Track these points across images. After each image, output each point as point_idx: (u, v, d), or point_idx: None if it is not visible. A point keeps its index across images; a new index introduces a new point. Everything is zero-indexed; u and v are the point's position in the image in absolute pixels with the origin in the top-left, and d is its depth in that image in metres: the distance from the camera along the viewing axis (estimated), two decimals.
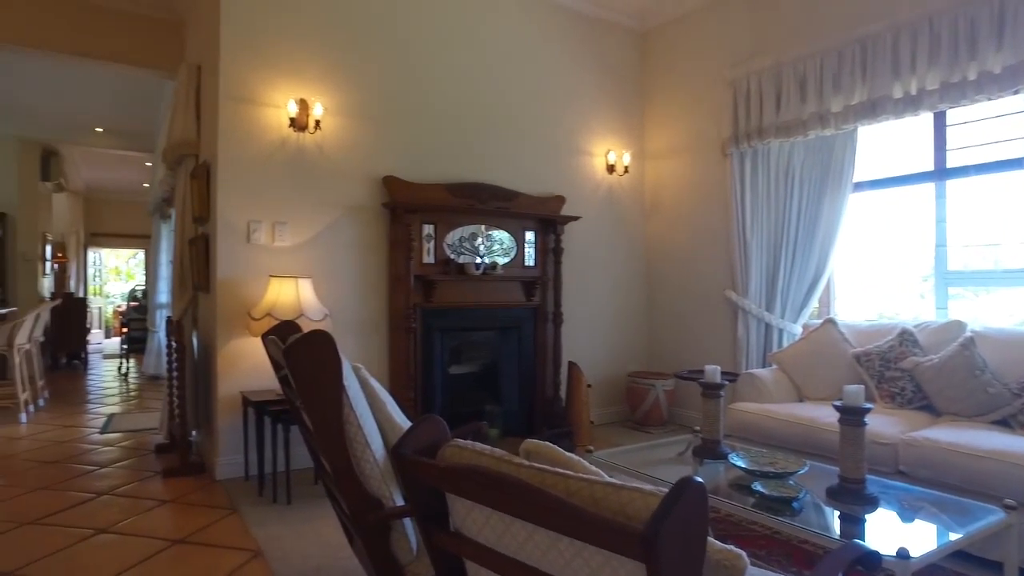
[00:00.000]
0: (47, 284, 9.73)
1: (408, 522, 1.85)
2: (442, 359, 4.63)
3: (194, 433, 4.64)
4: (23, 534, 3.09)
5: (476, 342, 4.92)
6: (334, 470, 1.77)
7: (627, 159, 5.55)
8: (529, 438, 1.39)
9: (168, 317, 4.54)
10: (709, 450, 2.95)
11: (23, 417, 5.61)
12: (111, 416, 5.79)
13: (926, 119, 4.09)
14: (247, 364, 3.94)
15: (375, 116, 4.44)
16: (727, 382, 3.05)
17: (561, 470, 1.07)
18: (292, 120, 4.06)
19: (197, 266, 4.30)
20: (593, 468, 1.16)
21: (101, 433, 5.17)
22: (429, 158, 4.64)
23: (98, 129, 8.47)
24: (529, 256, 4.96)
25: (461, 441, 1.29)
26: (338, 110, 4.30)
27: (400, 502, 1.82)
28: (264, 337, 2.34)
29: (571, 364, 4.96)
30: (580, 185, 5.39)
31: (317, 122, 4.13)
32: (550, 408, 4.89)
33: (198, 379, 4.42)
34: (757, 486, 2.44)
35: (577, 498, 0.99)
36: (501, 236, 4.83)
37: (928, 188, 4.17)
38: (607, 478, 1.04)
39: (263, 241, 4.04)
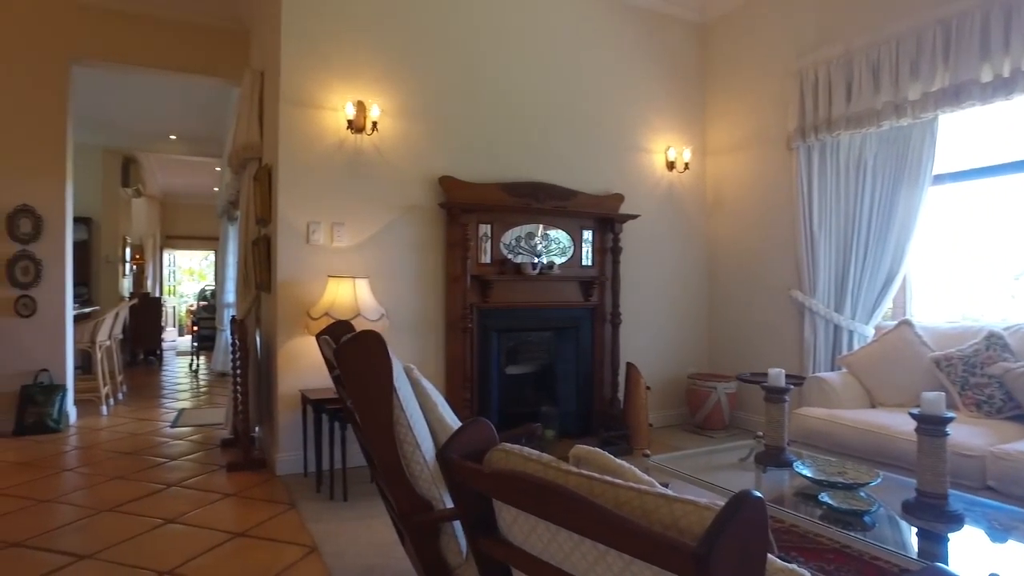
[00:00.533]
0: (126, 284, 10.25)
1: (458, 524, 1.82)
2: (498, 359, 4.61)
3: (257, 429, 4.78)
4: (101, 521, 3.24)
5: (533, 342, 4.88)
6: (384, 470, 1.76)
7: (687, 155, 5.40)
8: (586, 440, 1.34)
9: (232, 316, 4.69)
10: (773, 457, 2.82)
11: (104, 410, 5.91)
12: (181, 411, 6.03)
13: (1017, 104, 3.78)
14: (306, 363, 4.01)
15: (431, 116, 4.46)
16: (792, 386, 2.90)
17: (611, 478, 1.01)
18: (350, 122, 4.12)
19: (259, 267, 4.42)
20: (646, 477, 1.10)
21: (172, 427, 5.38)
22: (485, 158, 4.62)
23: (171, 136, 8.85)
24: (586, 255, 4.88)
25: (508, 445, 1.24)
26: (395, 111, 4.33)
27: (450, 504, 1.80)
28: (318, 337, 2.36)
29: (629, 365, 4.86)
30: (639, 183, 5.27)
31: (374, 124, 4.18)
32: (608, 410, 4.80)
33: (261, 377, 4.54)
34: (825, 497, 2.30)
35: (627, 509, 0.93)
36: (558, 235, 4.78)
37: (1020, 179, 3.88)
38: (660, 488, 0.97)
39: (322, 242, 4.11)
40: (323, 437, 3.66)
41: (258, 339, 4.73)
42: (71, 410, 5.46)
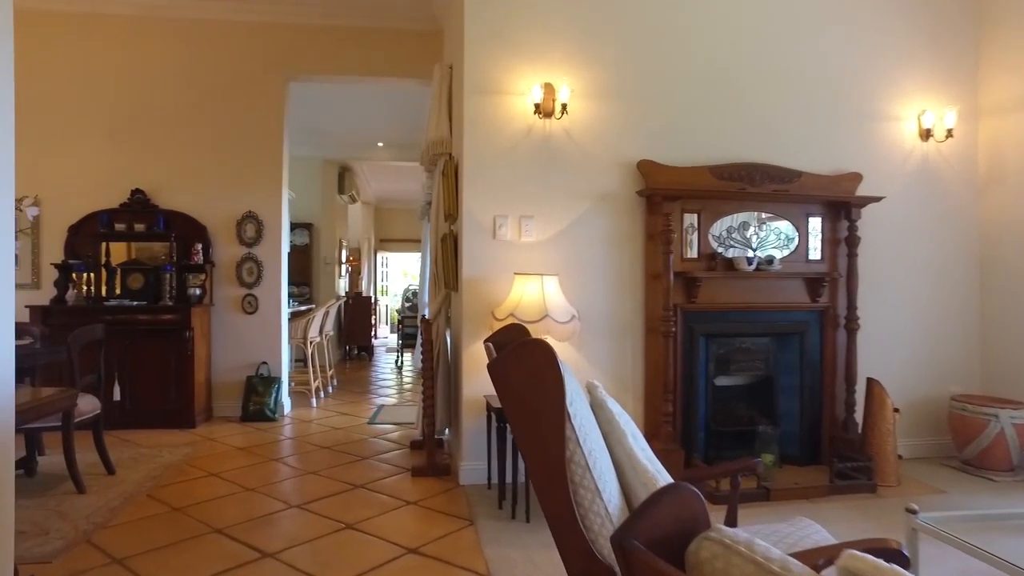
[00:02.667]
0: (343, 285, 11.07)
1: None
2: (706, 368, 4.00)
3: (447, 431, 4.65)
4: (290, 517, 3.24)
5: (747, 349, 4.17)
6: (552, 520, 1.33)
7: (950, 120, 4.31)
8: (813, 470, 0.78)
9: (422, 316, 4.60)
10: None
11: (314, 402, 6.25)
12: (381, 407, 6.19)
13: None
14: (478, 355, 3.74)
15: (627, 95, 3.98)
16: None
17: None
18: (537, 107, 3.78)
19: (447, 264, 4.26)
20: None
21: (369, 423, 5.50)
22: (689, 138, 4.03)
23: (379, 144, 9.32)
24: (814, 248, 4.07)
25: (726, 532, 0.75)
26: (585, 92, 3.92)
27: None
28: (485, 343, 2.01)
29: (871, 381, 3.96)
30: (882, 158, 4.31)
31: (563, 106, 3.80)
32: (842, 434, 3.95)
33: (450, 379, 4.39)
34: None
35: None
36: (778, 225, 4.04)
37: None
38: None
39: (509, 237, 3.82)
40: (507, 449, 3.35)
41: (448, 339, 4.60)
42: (286, 401, 5.82)
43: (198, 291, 5.49)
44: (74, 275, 5.35)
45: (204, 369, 5.44)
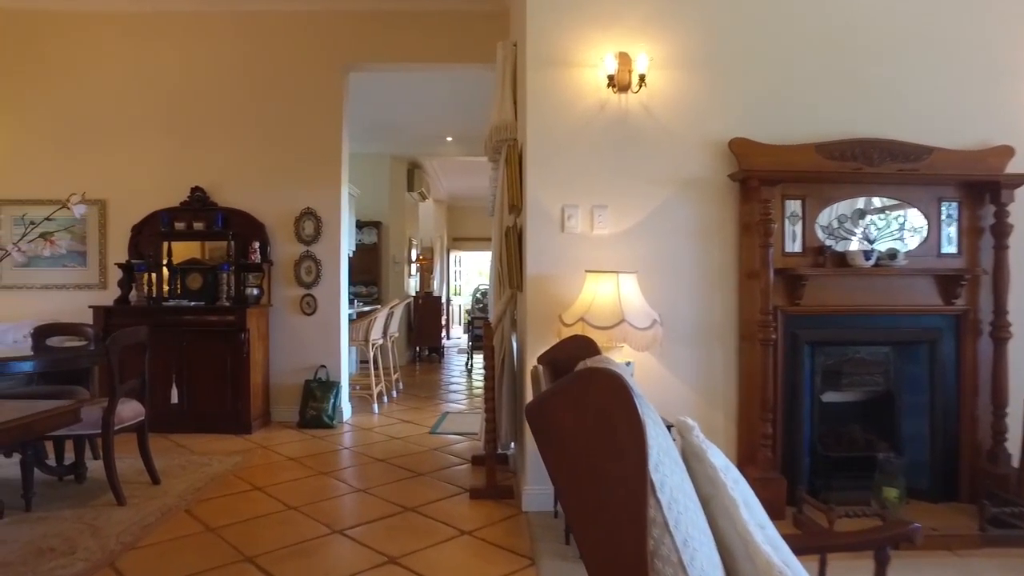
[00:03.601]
0: (412, 285, 10.85)
1: None
2: (812, 382, 3.38)
3: (512, 446, 4.22)
4: (327, 546, 2.89)
5: (862, 360, 3.51)
6: None
7: None
8: (951, 508, 0.27)
9: (485, 318, 4.18)
10: None
11: (375, 408, 5.95)
12: (446, 414, 5.82)
13: None
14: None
15: (716, 63, 3.42)
16: None
17: None
18: (610, 79, 3.28)
19: (512, 261, 3.82)
20: None
21: (432, 432, 5.13)
22: (792, 110, 3.43)
23: (448, 139, 9.00)
24: (948, 239, 3.38)
25: None
26: (667, 61, 3.39)
27: None
28: (534, 370, 1.54)
29: None
30: None
31: (641, 78, 3.29)
32: (989, 467, 3.24)
33: (516, 389, 3.96)
34: None
35: None
36: (903, 212, 3.38)
37: None
38: None
39: (579, 229, 3.34)
40: None
41: (514, 344, 4.17)
42: (346, 406, 5.54)
43: (255, 291, 5.28)
44: (136, 275, 5.25)
45: (261, 372, 5.23)
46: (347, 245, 5.78)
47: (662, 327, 3.06)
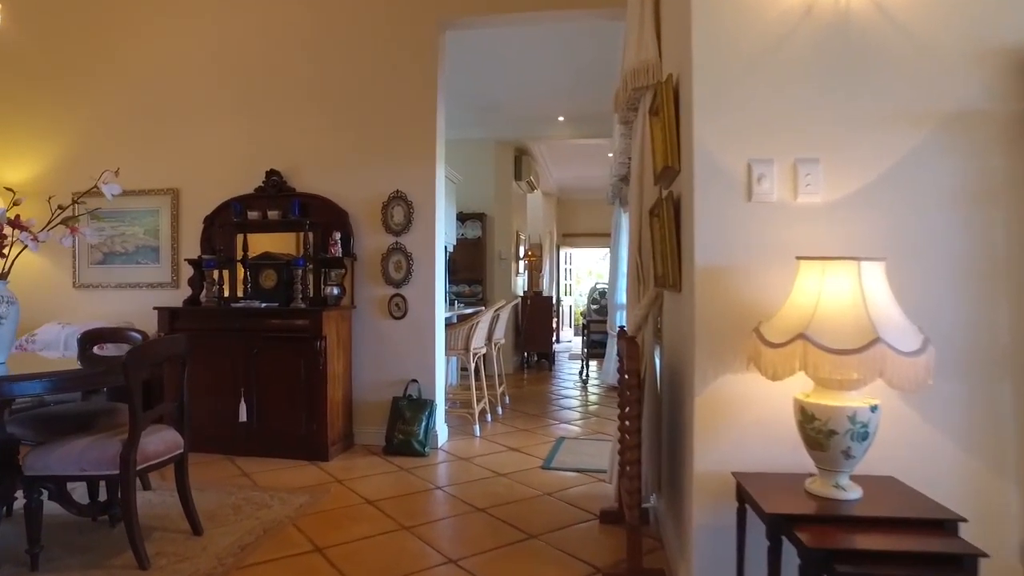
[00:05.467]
0: (520, 283, 9.89)
1: None
2: None
3: (653, 498, 3.11)
4: None
5: None
6: None
7: None
8: None
9: (620, 328, 3.08)
10: None
11: (477, 429, 5.00)
12: (561, 441, 4.76)
13: None
14: (747, 420, 2.13)
15: None
16: None
17: None
18: None
19: (664, 249, 2.70)
20: None
21: (545, 467, 4.09)
22: None
23: (559, 118, 7.99)
24: None
25: None
26: None
27: None
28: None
29: None
30: None
31: None
32: None
33: (661, 424, 2.85)
34: None
35: None
36: None
37: None
38: None
39: (776, 196, 2.16)
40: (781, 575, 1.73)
41: (657, 364, 3.06)
42: (441, 428, 4.62)
43: (336, 290, 4.46)
44: (205, 272, 4.58)
45: (341, 387, 4.40)
46: (444, 235, 4.86)
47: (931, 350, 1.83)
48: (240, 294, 4.63)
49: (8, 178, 5.19)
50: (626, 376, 2.51)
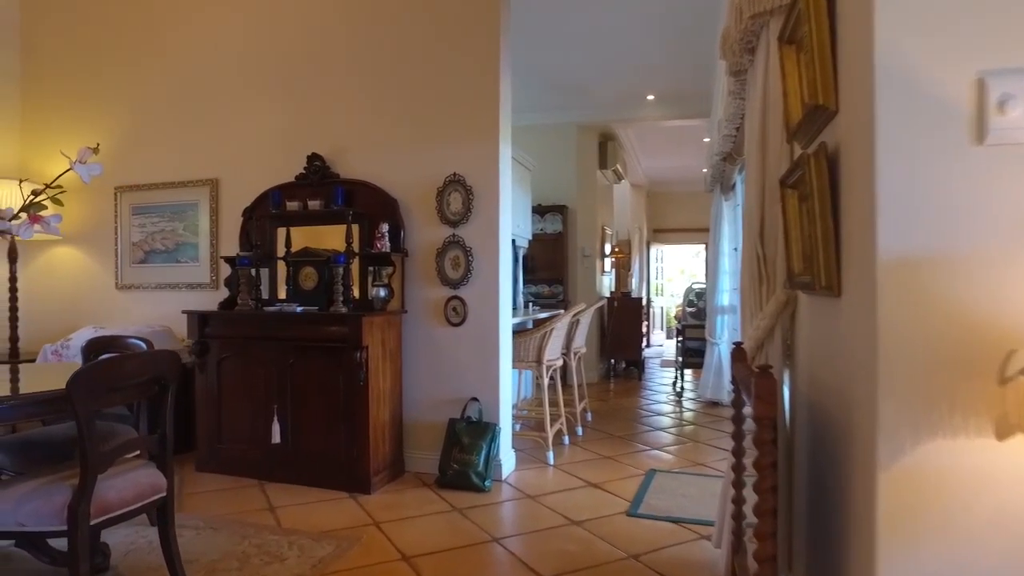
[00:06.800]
0: (606, 283, 9.03)
1: None
2: None
3: None
4: None
5: None
6: None
7: None
8: None
9: (736, 346, 2.21)
10: None
11: (550, 456, 4.22)
12: (652, 475, 3.90)
13: None
14: (980, 518, 1.24)
15: None
16: None
17: None
18: None
19: (799, 234, 1.84)
20: None
21: (631, 514, 3.26)
22: None
23: (649, 97, 7.08)
24: None
25: None
26: None
27: None
28: None
29: None
30: None
31: None
32: None
33: (797, 481, 1.99)
34: None
35: None
36: None
37: None
38: None
39: None
40: None
41: (786, 398, 2.19)
42: (506, 457, 3.88)
43: (383, 291, 3.81)
44: (240, 271, 4.05)
45: (388, 405, 3.74)
46: (510, 226, 4.12)
47: None
48: (283, 296, 4.08)
49: (53, 173, 4.90)
50: (754, 420, 1.66)
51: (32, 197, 2.46)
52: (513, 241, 5.06)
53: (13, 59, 4.94)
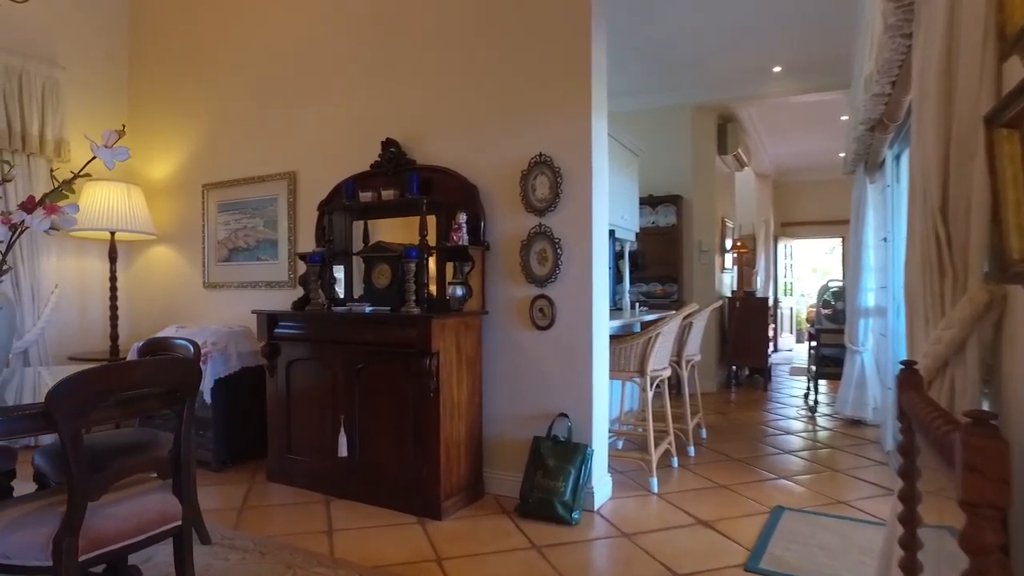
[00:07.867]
0: (727, 281, 8.16)
1: None
2: None
3: None
4: None
5: None
6: None
7: None
8: None
9: (906, 366, 1.54)
10: None
11: (654, 483, 3.61)
12: (778, 514, 3.20)
13: None
14: None
15: None
16: None
17: None
18: None
19: (1014, 197, 1.18)
20: None
21: (749, 568, 2.61)
22: None
23: (775, 69, 6.23)
24: None
25: None
26: None
27: None
28: None
29: None
30: None
31: None
32: None
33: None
34: None
35: None
36: None
37: None
38: None
39: None
40: None
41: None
42: (599, 484, 3.32)
43: (460, 290, 3.38)
44: (311, 268, 3.77)
45: (465, 419, 3.30)
46: (607, 214, 3.56)
47: None
48: (361, 294, 3.77)
49: (154, 175, 4.93)
50: (964, 506, 1.01)
51: (57, 185, 2.26)
52: (613, 232, 4.48)
53: (122, 72, 5.06)
